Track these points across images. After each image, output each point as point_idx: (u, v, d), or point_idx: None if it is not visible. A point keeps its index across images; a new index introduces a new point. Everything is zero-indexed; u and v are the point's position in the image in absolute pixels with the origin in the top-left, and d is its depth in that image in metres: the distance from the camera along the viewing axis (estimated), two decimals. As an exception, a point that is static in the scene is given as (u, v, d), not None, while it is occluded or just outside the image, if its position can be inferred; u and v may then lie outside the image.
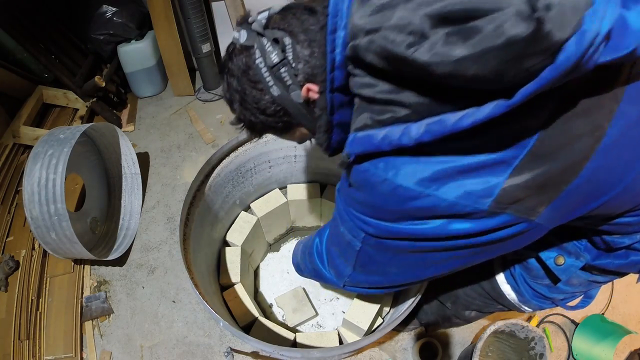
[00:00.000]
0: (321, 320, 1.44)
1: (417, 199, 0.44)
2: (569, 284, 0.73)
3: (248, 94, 0.57)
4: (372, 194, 0.49)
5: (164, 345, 1.43)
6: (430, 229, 0.46)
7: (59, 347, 1.39)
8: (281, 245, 1.64)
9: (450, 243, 0.48)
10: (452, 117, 0.38)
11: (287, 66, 0.53)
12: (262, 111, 0.58)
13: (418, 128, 0.40)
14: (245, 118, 0.61)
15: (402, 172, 0.44)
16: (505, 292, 0.84)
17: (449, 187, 0.42)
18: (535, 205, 0.43)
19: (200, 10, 2.14)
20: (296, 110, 0.57)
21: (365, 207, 0.53)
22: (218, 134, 2.21)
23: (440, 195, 0.42)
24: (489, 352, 1.28)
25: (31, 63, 2.06)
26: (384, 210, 0.50)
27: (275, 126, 0.61)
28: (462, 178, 0.42)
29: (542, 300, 0.79)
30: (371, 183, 0.48)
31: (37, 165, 1.31)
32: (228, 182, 1.36)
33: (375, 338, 0.93)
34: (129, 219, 1.81)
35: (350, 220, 0.58)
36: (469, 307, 1.02)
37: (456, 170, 0.42)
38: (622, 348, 1.38)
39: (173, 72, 2.38)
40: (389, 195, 0.46)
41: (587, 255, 0.66)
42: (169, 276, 1.62)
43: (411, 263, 0.58)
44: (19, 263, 1.52)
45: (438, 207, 0.43)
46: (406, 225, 0.48)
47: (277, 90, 0.55)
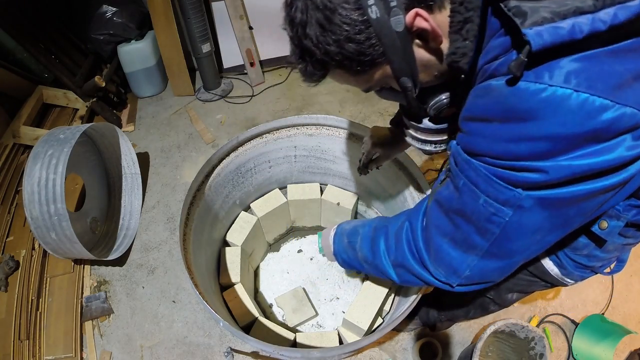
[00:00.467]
0: (321, 320, 1.44)
1: (606, 111, 0.38)
2: (606, 251, 0.75)
3: (338, 12, 0.46)
4: (555, 117, 0.40)
5: (164, 345, 1.43)
6: (613, 154, 0.40)
7: (59, 347, 1.39)
8: (281, 245, 1.64)
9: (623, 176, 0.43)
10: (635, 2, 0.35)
11: None
12: (349, 37, 0.48)
13: (606, 14, 0.36)
14: (321, 47, 0.50)
15: (590, 79, 0.38)
16: (549, 268, 0.86)
17: (630, 94, 0.38)
18: None
19: (200, 10, 2.14)
20: (390, 41, 0.48)
21: (535, 144, 0.42)
22: (218, 134, 2.21)
23: (627, 102, 0.38)
24: (489, 352, 1.28)
25: (31, 63, 2.06)
26: (564, 139, 0.40)
27: (358, 59, 0.50)
28: (636, 84, 0.38)
29: (582, 270, 0.81)
30: (556, 100, 0.39)
31: (37, 165, 1.31)
32: (228, 182, 1.36)
33: (375, 338, 0.93)
34: (129, 219, 1.81)
35: (498, 181, 0.47)
36: (513, 289, 1.02)
37: (633, 75, 0.38)
38: (622, 348, 1.38)
39: (173, 72, 2.38)
40: (574, 113, 0.38)
41: (626, 214, 0.63)
42: (169, 276, 1.62)
43: (561, 222, 0.50)
44: (19, 263, 1.52)
45: (624, 117, 0.38)
46: (588, 154, 0.41)
47: (376, 12, 0.45)
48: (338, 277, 1.54)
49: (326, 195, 1.49)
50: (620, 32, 0.37)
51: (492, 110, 0.44)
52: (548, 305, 1.50)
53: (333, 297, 1.49)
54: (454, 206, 0.55)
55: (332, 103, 2.41)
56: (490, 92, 0.44)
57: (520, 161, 0.43)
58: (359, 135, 1.29)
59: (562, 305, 1.50)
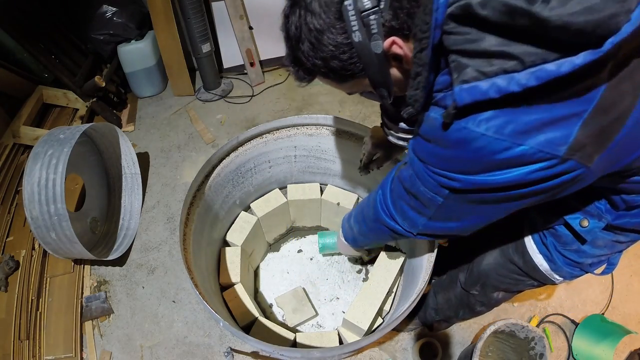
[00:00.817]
0: (321, 320, 1.44)
1: (509, 150, 0.49)
2: (595, 246, 0.79)
3: (326, 35, 0.55)
4: (466, 150, 0.52)
5: (164, 345, 1.43)
6: (513, 176, 0.52)
7: (59, 347, 1.39)
8: (281, 245, 1.64)
9: (525, 190, 0.54)
10: (552, 65, 0.43)
11: (377, 14, 0.52)
12: (335, 55, 0.57)
13: (525, 75, 0.45)
14: (309, 59, 0.59)
15: (496, 126, 0.49)
16: (538, 262, 0.88)
17: (535, 137, 0.48)
18: (592, 153, 0.50)
19: (200, 10, 2.14)
20: (369, 61, 0.56)
21: (453, 164, 0.57)
22: (218, 134, 2.21)
23: (528, 145, 0.48)
24: (489, 352, 1.28)
25: (31, 63, 2.06)
26: (474, 163, 0.54)
27: (341, 73, 0.60)
28: (546, 129, 0.48)
29: (572, 266, 0.84)
30: (465, 140, 0.52)
31: (37, 165, 1.31)
32: (228, 182, 1.36)
33: (375, 338, 0.94)
34: (129, 219, 1.81)
35: (432, 179, 0.62)
36: (499, 287, 1.03)
37: (542, 122, 0.48)
38: (622, 348, 1.38)
39: (173, 72, 2.38)
40: (483, 148, 0.50)
41: (607, 216, 0.73)
42: (169, 276, 1.62)
43: (488, 210, 0.64)
44: (19, 263, 1.52)
45: (524, 155, 0.49)
46: (492, 176, 0.53)
47: (359, 37, 0.54)
48: (338, 277, 1.54)
49: (326, 195, 1.49)
50: (534, 91, 0.45)
51: (430, 135, 0.58)
52: (548, 305, 1.50)
53: (333, 297, 1.49)
54: (407, 185, 0.71)
55: (332, 103, 2.41)
56: (431, 121, 0.57)
57: (445, 171, 0.58)
58: (359, 135, 1.29)
59: (562, 305, 1.50)
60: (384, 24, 0.53)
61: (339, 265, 1.57)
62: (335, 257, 1.59)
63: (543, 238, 0.87)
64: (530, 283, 0.96)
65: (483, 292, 1.08)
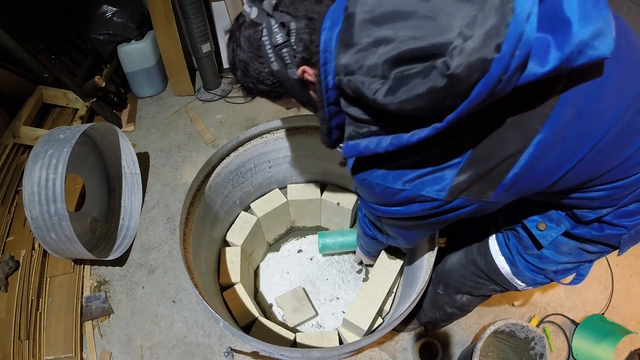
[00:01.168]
0: (321, 320, 1.44)
1: (399, 194, 0.61)
2: (559, 252, 0.78)
3: (251, 65, 0.66)
4: (372, 192, 0.66)
5: (164, 345, 1.43)
6: (413, 210, 0.63)
7: (59, 347, 1.39)
8: (281, 245, 1.64)
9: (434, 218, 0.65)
10: (406, 135, 0.52)
11: (289, 47, 0.62)
12: (261, 81, 0.68)
13: (386, 141, 0.54)
14: (245, 84, 0.71)
15: (388, 178, 0.61)
16: (500, 265, 0.88)
17: (417, 185, 0.58)
18: (484, 190, 0.58)
19: (200, 10, 2.14)
20: (290, 85, 0.66)
21: (371, 197, 0.69)
22: (218, 134, 2.21)
23: (413, 189, 0.59)
24: (489, 352, 1.28)
25: (31, 63, 2.06)
26: (383, 200, 0.66)
27: (270, 94, 0.72)
28: (426, 178, 0.57)
29: (534, 272, 0.83)
30: (369, 186, 0.65)
31: (37, 165, 1.31)
32: (228, 182, 1.36)
33: (375, 338, 0.94)
34: (129, 219, 1.81)
35: (367, 207, 0.75)
36: (461, 289, 1.04)
37: (419, 175, 0.58)
38: (622, 348, 1.38)
39: (173, 72, 2.38)
40: (383, 192, 0.63)
41: (567, 223, 0.74)
42: (169, 276, 1.62)
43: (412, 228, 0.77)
44: (19, 263, 1.52)
45: (414, 197, 0.60)
46: (397, 208, 0.65)
47: (276, 66, 0.64)
48: (338, 277, 1.54)
49: (326, 195, 1.49)
50: (396, 153, 0.54)
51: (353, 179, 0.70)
52: (548, 305, 1.50)
53: (333, 297, 1.49)
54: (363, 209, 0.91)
55: (332, 103, 2.40)
56: (348, 170, 0.69)
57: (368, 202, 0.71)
58: (359, 135, 1.29)
59: (562, 305, 1.50)
60: (295, 55, 0.62)
61: (339, 265, 1.57)
62: (335, 257, 1.59)
63: (506, 239, 0.87)
64: (492, 288, 0.95)
65: (446, 292, 1.09)
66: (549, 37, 0.45)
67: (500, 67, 0.41)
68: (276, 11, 0.61)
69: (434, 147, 0.54)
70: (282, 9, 0.61)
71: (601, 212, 0.68)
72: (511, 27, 0.40)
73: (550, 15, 0.45)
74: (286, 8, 0.61)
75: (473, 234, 0.97)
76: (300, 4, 0.61)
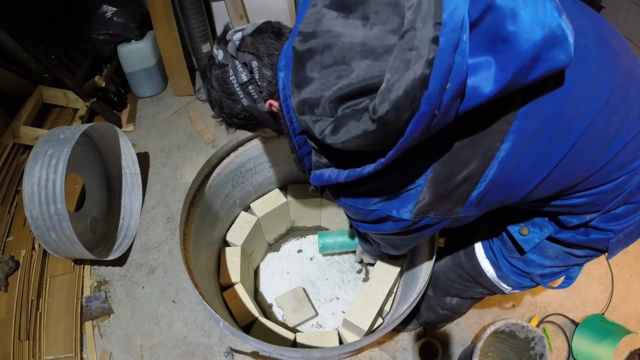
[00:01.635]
0: (321, 320, 1.44)
1: (371, 214, 0.63)
2: (545, 256, 0.77)
3: (224, 102, 0.70)
4: (349, 211, 0.69)
5: (164, 345, 1.43)
6: (388, 227, 0.65)
7: (59, 347, 1.39)
8: (281, 245, 1.64)
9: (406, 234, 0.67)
10: (358, 169, 0.54)
11: (254, 84, 0.66)
12: (235, 116, 0.72)
13: (343, 174, 0.57)
14: (223, 118, 0.75)
15: (358, 201, 0.63)
16: (485, 268, 0.87)
17: (385, 205, 0.60)
18: (451, 208, 0.58)
19: (200, 10, 2.14)
20: (262, 117, 0.70)
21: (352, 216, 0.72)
22: (218, 134, 2.21)
23: (382, 210, 0.61)
24: (489, 352, 1.28)
25: (31, 63, 2.06)
26: (360, 218, 0.68)
27: (246, 126, 0.76)
28: (390, 201, 0.60)
29: (520, 276, 0.82)
30: (345, 207, 0.68)
31: (37, 165, 1.31)
32: (228, 182, 1.36)
33: (375, 338, 0.94)
34: (129, 219, 1.81)
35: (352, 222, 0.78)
36: (449, 292, 1.04)
37: (385, 198, 0.60)
38: (622, 348, 1.38)
39: (173, 72, 2.38)
40: (357, 212, 0.66)
41: (550, 227, 0.74)
42: (169, 276, 1.62)
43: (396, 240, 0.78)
44: (19, 263, 1.52)
45: (385, 216, 0.61)
46: (374, 226, 0.67)
47: (246, 102, 0.68)
48: (338, 277, 1.54)
49: (326, 195, 1.49)
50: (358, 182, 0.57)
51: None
52: (548, 305, 1.50)
53: (333, 297, 1.49)
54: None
55: (332, 103, 2.40)
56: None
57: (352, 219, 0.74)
58: (359, 135, 1.29)
59: (562, 305, 1.50)
60: (261, 90, 0.66)
61: (339, 265, 1.57)
62: (335, 257, 1.59)
63: (490, 243, 0.86)
64: (479, 291, 0.95)
65: (436, 294, 1.09)
66: (490, 58, 0.42)
67: (431, 104, 0.40)
68: (239, 51, 0.65)
69: (389, 175, 0.56)
70: (244, 49, 0.65)
71: (585, 217, 0.67)
72: (437, 62, 0.38)
73: (491, 34, 0.42)
74: (247, 48, 0.65)
75: (460, 237, 0.97)
76: (260, 44, 0.65)
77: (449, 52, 0.38)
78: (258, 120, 0.72)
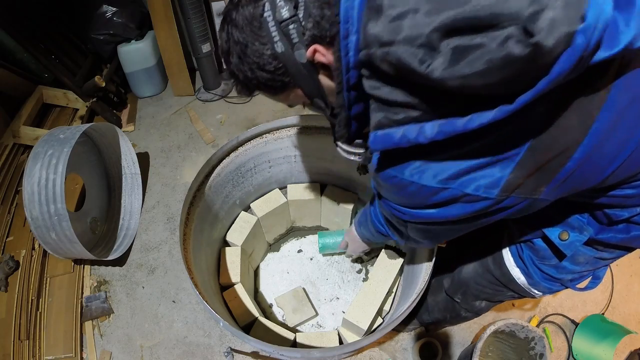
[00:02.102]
0: (321, 320, 1.44)
1: (439, 193, 0.52)
2: (576, 263, 0.75)
3: (250, 47, 0.56)
4: (402, 193, 0.57)
5: (164, 345, 1.43)
6: (452, 212, 0.54)
7: (59, 347, 1.39)
8: (281, 245, 1.64)
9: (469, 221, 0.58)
10: (461, 120, 0.43)
11: (296, 23, 0.53)
12: (261, 67, 0.57)
13: (432, 128, 0.45)
14: (241, 72, 0.60)
15: (425, 175, 0.51)
16: (515, 276, 0.86)
17: (463, 182, 0.49)
18: (536, 187, 0.50)
19: (200, 10, 2.14)
20: (296, 71, 0.57)
21: (398, 200, 0.61)
22: (218, 134, 2.21)
23: (457, 188, 0.50)
24: (489, 352, 1.28)
25: (31, 63, 2.06)
26: (414, 201, 0.57)
27: (271, 84, 0.60)
28: (473, 174, 0.49)
29: (551, 282, 0.81)
30: (399, 186, 0.55)
31: (37, 165, 1.31)
32: (228, 182, 1.36)
33: (375, 338, 0.93)
34: (129, 219, 1.81)
35: (389, 209, 0.67)
36: (479, 296, 1.02)
37: (468, 169, 0.48)
38: (622, 348, 1.38)
39: (173, 72, 2.38)
40: (416, 193, 0.54)
41: (590, 229, 0.69)
42: (169, 276, 1.62)
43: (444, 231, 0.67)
44: (19, 263, 1.52)
45: (458, 196, 0.51)
46: (433, 211, 0.56)
47: (281, 47, 0.54)
48: (338, 277, 1.54)
49: (326, 195, 1.49)
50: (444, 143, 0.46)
51: (375, 175, 0.61)
52: (548, 305, 1.50)
53: (333, 297, 1.49)
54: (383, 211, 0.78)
55: (332, 103, 2.40)
56: (373, 164, 0.60)
57: (395, 204, 0.63)
58: (359, 135, 1.29)
59: (562, 305, 1.50)
60: (304, 32, 0.53)
61: (339, 265, 1.57)
62: (335, 257, 1.59)
63: (520, 251, 0.84)
64: (510, 294, 0.94)
65: (465, 300, 1.07)
66: (617, 14, 0.38)
67: (585, 40, 0.35)
68: None
69: (492, 135, 0.45)
70: None
71: (636, 210, 0.62)
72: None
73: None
74: None
75: (486, 245, 0.95)
76: None
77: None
78: (289, 76, 0.58)
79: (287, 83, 0.59)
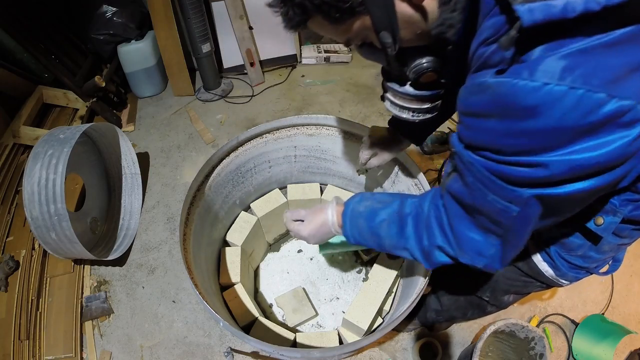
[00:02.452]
0: (321, 320, 1.44)
1: (606, 104, 0.36)
2: (601, 252, 0.76)
3: None
4: (550, 115, 0.38)
5: (164, 345, 1.43)
6: (611, 147, 0.38)
7: (59, 347, 1.39)
8: (281, 245, 1.64)
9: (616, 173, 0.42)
10: None
11: None
12: None
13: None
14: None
15: (586, 75, 0.36)
16: (543, 269, 0.87)
17: (631, 87, 0.36)
18: None
19: (200, 10, 2.14)
20: None
21: (534, 140, 0.40)
22: (218, 134, 2.21)
23: (626, 98, 0.36)
24: (489, 352, 1.28)
25: (31, 63, 2.06)
26: (562, 133, 0.39)
27: (337, 6, 0.48)
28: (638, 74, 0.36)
29: (577, 270, 0.82)
30: (549, 102, 0.37)
31: (37, 165, 1.31)
32: (228, 182, 1.36)
33: (375, 338, 0.93)
34: (129, 219, 1.81)
35: (501, 182, 0.47)
36: (509, 290, 1.03)
37: (632, 67, 0.36)
38: (622, 348, 1.38)
39: (173, 72, 2.38)
40: (573, 108, 0.37)
41: (623, 209, 0.63)
42: (169, 276, 1.62)
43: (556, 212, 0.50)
44: (19, 263, 1.52)
45: (622, 109, 0.36)
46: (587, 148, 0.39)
47: None
48: (338, 277, 1.54)
49: (326, 195, 1.49)
50: (614, 18, 0.34)
51: (489, 108, 0.42)
52: (548, 305, 1.50)
53: (333, 297, 1.49)
54: (466, 200, 0.54)
55: (332, 103, 2.41)
56: (486, 89, 0.42)
57: (520, 156, 0.42)
58: (359, 135, 1.29)
59: (562, 305, 1.50)
60: None
61: (339, 265, 1.57)
62: (335, 257, 1.59)
63: (546, 249, 0.85)
64: (538, 285, 0.95)
65: (494, 296, 1.07)
66: None
67: None
68: None
69: None
70: None
71: None
72: None
73: None
74: None
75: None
76: None
77: None
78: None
79: (355, 6, 0.48)
